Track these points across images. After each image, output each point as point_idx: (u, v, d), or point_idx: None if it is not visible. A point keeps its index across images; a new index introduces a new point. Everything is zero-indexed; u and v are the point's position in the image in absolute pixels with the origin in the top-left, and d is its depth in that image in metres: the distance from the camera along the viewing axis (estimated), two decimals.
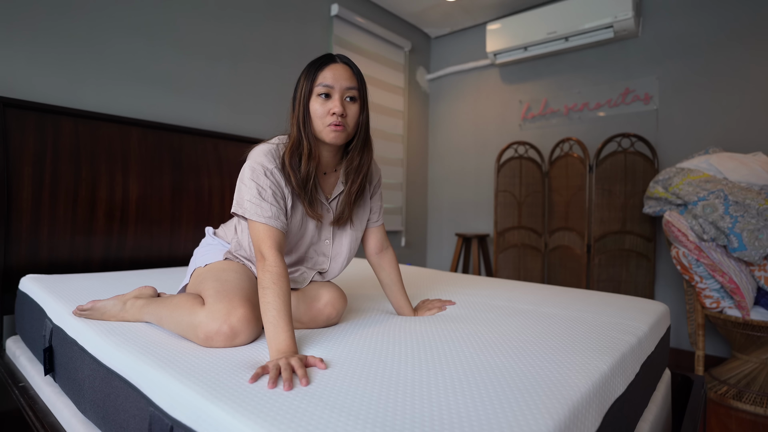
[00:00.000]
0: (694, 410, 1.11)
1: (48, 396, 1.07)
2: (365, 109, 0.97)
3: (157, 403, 0.69)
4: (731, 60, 2.36)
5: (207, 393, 0.63)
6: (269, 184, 0.91)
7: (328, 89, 0.91)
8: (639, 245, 2.50)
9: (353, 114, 0.94)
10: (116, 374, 0.80)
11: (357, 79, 0.94)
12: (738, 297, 1.86)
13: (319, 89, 0.91)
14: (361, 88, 0.95)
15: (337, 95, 0.91)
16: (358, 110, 0.95)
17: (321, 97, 0.92)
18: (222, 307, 0.84)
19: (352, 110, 0.94)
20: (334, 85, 0.91)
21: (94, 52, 1.77)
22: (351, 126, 0.94)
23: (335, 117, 0.91)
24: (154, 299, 1.01)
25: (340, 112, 0.90)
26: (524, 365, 0.76)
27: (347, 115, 0.93)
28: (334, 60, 0.94)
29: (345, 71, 0.93)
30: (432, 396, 0.63)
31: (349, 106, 0.93)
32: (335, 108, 0.90)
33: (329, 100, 0.92)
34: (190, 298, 0.92)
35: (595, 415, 0.69)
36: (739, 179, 1.96)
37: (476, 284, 1.61)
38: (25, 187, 1.51)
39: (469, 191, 3.51)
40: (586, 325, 1.05)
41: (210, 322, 0.82)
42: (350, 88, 0.93)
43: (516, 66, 3.24)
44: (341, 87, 0.92)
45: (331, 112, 0.91)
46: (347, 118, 0.93)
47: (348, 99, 0.93)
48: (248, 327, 0.85)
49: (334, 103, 0.91)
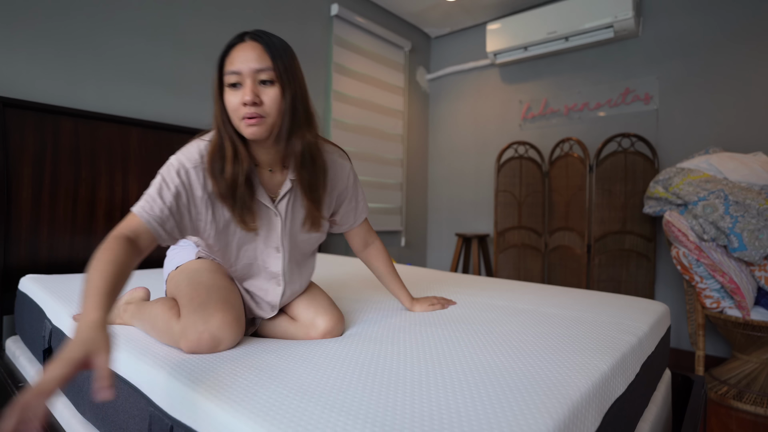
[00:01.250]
0: (694, 410, 1.11)
1: None
2: (291, 87, 0.80)
3: (157, 402, 0.69)
4: (731, 60, 2.36)
5: (207, 392, 0.63)
6: (178, 183, 0.79)
7: (237, 77, 0.77)
8: (639, 245, 2.50)
9: (271, 99, 0.78)
10: (116, 374, 0.80)
11: (270, 56, 0.78)
12: (738, 297, 1.86)
13: (228, 78, 0.78)
14: (278, 65, 0.78)
15: (248, 81, 0.77)
16: (278, 93, 0.79)
17: (232, 87, 0.78)
18: (197, 318, 0.79)
19: (270, 95, 0.78)
20: (241, 70, 0.77)
21: (93, 51, 1.77)
22: (273, 114, 0.79)
23: (247, 108, 0.77)
24: (140, 307, 0.97)
25: (250, 100, 0.76)
26: (524, 365, 0.75)
27: (264, 102, 0.78)
28: (241, 39, 0.79)
29: (252, 50, 0.77)
30: (432, 395, 0.63)
31: (264, 91, 0.78)
32: (245, 96, 0.76)
33: (240, 88, 0.78)
34: (166, 309, 0.87)
35: (595, 415, 0.69)
36: (740, 179, 1.96)
37: (476, 284, 1.61)
38: (24, 187, 1.51)
39: (469, 191, 3.51)
40: (587, 325, 1.04)
41: (189, 334, 0.78)
42: (262, 70, 0.77)
43: (516, 66, 3.23)
44: (250, 70, 0.77)
45: (242, 102, 0.77)
46: (265, 106, 0.78)
47: (261, 83, 0.78)
48: (229, 332, 0.81)
49: (245, 90, 0.77)
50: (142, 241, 0.76)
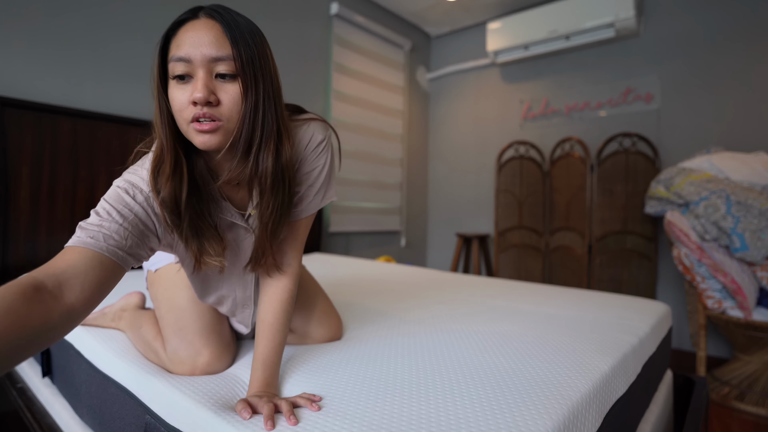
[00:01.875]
0: (696, 412, 1.10)
1: (46, 397, 1.06)
2: (257, 86, 0.60)
3: (156, 411, 0.68)
4: (733, 59, 2.35)
5: (207, 403, 0.63)
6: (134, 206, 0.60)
7: (186, 65, 0.57)
8: (640, 245, 2.49)
9: (231, 99, 0.58)
10: (112, 381, 0.79)
11: (231, 40, 0.57)
12: (740, 297, 1.85)
13: (174, 66, 0.57)
14: (242, 53, 0.58)
15: (201, 72, 0.57)
16: (239, 92, 0.58)
17: (179, 80, 0.58)
18: (184, 356, 0.75)
19: (228, 93, 0.58)
20: (191, 57, 0.56)
21: (92, 51, 1.77)
22: (233, 118, 0.59)
23: (198, 108, 0.57)
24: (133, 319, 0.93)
25: (202, 98, 0.56)
26: (524, 365, 0.75)
27: (221, 101, 0.58)
28: (194, 15, 0.59)
29: (208, 31, 0.57)
30: (431, 397, 0.62)
31: (222, 87, 0.58)
32: (195, 93, 0.56)
33: (189, 81, 0.58)
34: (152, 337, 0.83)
35: (596, 416, 0.68)
36: (741, 179, 1.95)
37: (477, 284, 1.60)
38: (23, 187, 1.51)
39: (469, 191, 3.50)
40: (587, 325, 1.04)
41: (179, 370, 0.75)
42: (219, 59, 0.57)
43: (517, 65, 3.23)
44: (203, 57, 0.56)
45: (191, 100, 0.57)
46: (222, 108, 0.58)
47: (219, 76, 0.58)
48: (220, 363, 0.77)
49: (195, 84, 0.57)
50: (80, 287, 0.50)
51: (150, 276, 0.90)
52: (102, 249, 0.54)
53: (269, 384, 0.66)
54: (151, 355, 0.83)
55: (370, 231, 3.18)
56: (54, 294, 0.48)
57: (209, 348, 0.76)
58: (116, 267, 0.55)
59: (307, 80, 2.66)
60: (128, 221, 0.58)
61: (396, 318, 1.09)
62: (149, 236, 0.61)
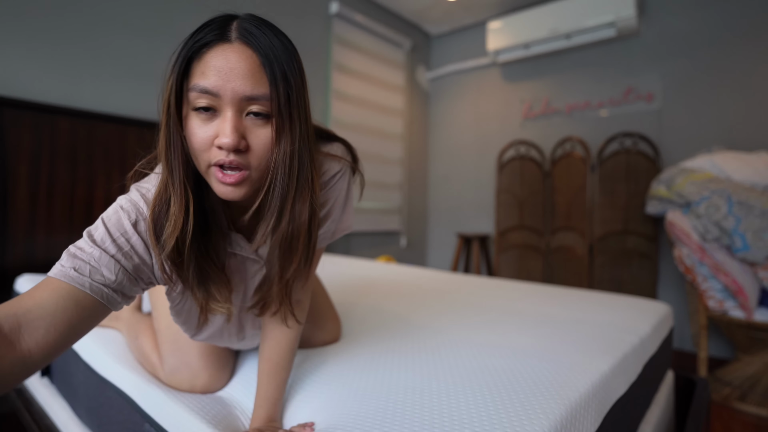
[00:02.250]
0: (697, 412, 1.10)
1: (45, 398, 1.06)
2: (294, 131, 0.51)
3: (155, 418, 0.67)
4: (734, 58, 2.34)
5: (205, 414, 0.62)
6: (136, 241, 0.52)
7: (212, 99, 0.48)
8: (641, 245, 2.48)
9: (263, 144, 0.50)
10: (111, 385, 0.79)
11: (269, 75, 0.49)
12: (741, 298, 1.84)
13: (196, 98, 0.48)
14: (280, 91, 0.49)
15: (230, 111, 0.48)
16: (272, 137, 0.50)
17: (201, 112, 0.49)
18: (183, 378, 0.73)
19: (261, 138, 0.50)
20: (219, 91, 0.47)
21: (91, 50, 1.76)
22: (261, 167, 0.51)
23: (224, 153, 0.48)
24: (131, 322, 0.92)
25: (231, 144, 0.47)
26: (524, 365, 0.74)
27: (250, 148, 0.49)
28: (225, 37, 0.49)
29: (243, 61, 0.48)
30: (424, 400, 0.61)
31: (253, 130, 0.49)
32: (222, 137, 0.47)
33: (215, 116, 0.49)
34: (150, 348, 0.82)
35: (595, 416, 0.67)
36: (743, 179, 1.94)
37: (477, 284, 1.59)
38: (21, 187, 1.50)
39: (469, 191, 3.50)
40: (588, 325, 1.03)
41: (178, 388, 0.74)
42: (254, 98, 0.48)
43: (517, 64, 3.22)
44: (234, 94, 0.47)
45: (216, 144, 0.48)
46: (252, 155, 0.50)
47: (252, 115, 0.49)
48: (218, 383, 0.76)
49: (223, 124, 0.48)
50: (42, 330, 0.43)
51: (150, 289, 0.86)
52: (83, 285, 0.46)
53: (272, 419, 0.64)
54: (147, 366, 0.82)
55: (370, 231, 3.17)
56: (9, 338, 0.41)
57: (207, 371, 0.74)
58: (98, 306, 0.47)
59: (307, 80, 2.66)
60: (122, 252, 0.50)
61: (396, 318, 1.08)
62: (144, 272, 0.53)
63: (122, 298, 0.50)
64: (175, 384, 0.74)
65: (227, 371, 0.79)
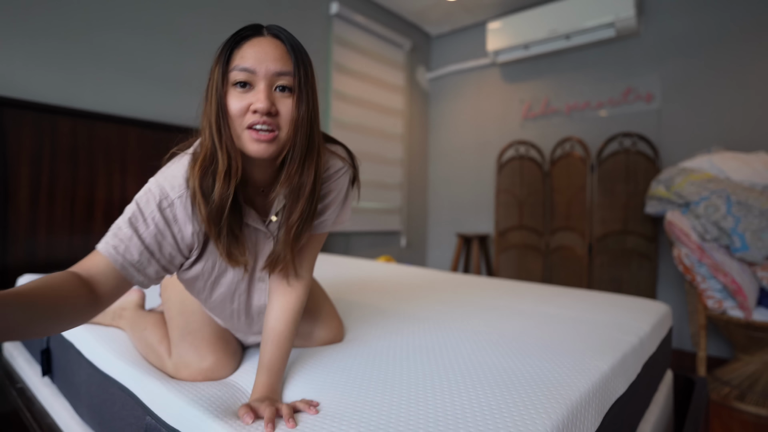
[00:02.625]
0: (696, 412, 1.10)
1: (46, 397, 1.06)
2: (308, 102, 0.65)
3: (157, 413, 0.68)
4: (733, 59, 2.35)
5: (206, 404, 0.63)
6: (159, 220, 0.62)
7: (248, 75, 0.61)
8: (641, 245, 2.49)
9: (288, 111, 0.63)
10: (113, 381, 0.79)
11: (294, 59, 0.63)
12: (740, 298, 1.85)
13: (236, 75, 0.62)
14: (300, 72, 0.64)
15: (263, 84, 0.61)
16: (295, 105, 0.63)
17: (238, 87, 0.62)
18: (190, 360, 0.75)
19: (286, 106, 0.63)
20: (256, 69, 0.61)
21: (92, 50, 1.77)
22: (286, 130, 0.63)
23: (257, 116, 0.61)
24: (135, 320, 0.93)
25: (264, 108, 0.60)
26: (524, 365, 0.75)
27: (278, 112, 0.62)
28: (259, 32, 0.64)
29: (274, 48, 0.63)
30: (428, 398, 0.62)
31: (281, 100, 0.63)
32: (258, 102, 0.60)
33: (250, 90, 0.62)
34: (157, 339, 0.83)
35: (595, 415, 0.68)
36: (742, 179, 1.95)
37: (477, 284, 1.60)
38: (22, 187, 1.51)
39: (469, 191, 3.50)
40: (587, 325, 1.04)
41: (182, 374, 0.75)
42: (282, 73, 0.62)
43: (517, 65, 3.22)
44: (267, 71, 0.61)
45: (252, 109, 0.61)
46: (280, 118, 0.63)
47: (279, 89, 0.63)
48: (223, 371, 0.77)
49: (257, 95, 0.61)
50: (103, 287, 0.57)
51: (165, 282, 0.91)
52: (116, 262, 0.59)
53: (273, 390, 0.67)
54: (152, 358, 0.82)
55: (370, 231, 3.17)
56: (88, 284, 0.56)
57: (215, 354, 0.77)
58: (125, 280, 0.60)
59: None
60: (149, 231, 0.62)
61: (396, 318, 1.09)
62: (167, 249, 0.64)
63: (143, 277, 0.62)
64: (182, 368, 0.76)
65: (234, 360, 0.80)
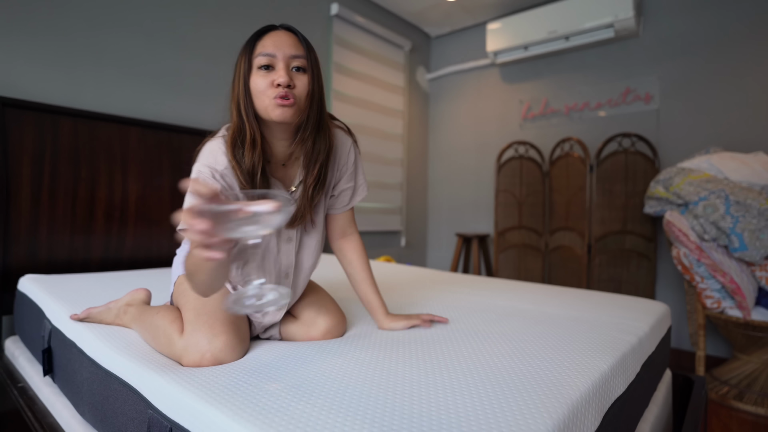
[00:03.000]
0: (695, 411, 1.11)
1: (47, 396, 1.06)
2: (317, 80, 0.84)
3: (157, 405, 0.68)
4: (732, 59, 2.36)
5: (206, 395, 0.63)
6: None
7: (270, 59, 0.79)
8: (640, 245, 2.50)
9: (303, 85, 0.80)
10: (115, 377, 0.80)
11: (304, 46, 0.82)
12: (739, 297, 1.86)
13: (260, 60, 0.79)
14: (309, 56, 0.82)
15: (282, 64, 0.79)
16: (308, 81, 0.81)
17: (262, 69, 0.79)
18: (201, 337, 0.78)
19: (302, 81, 0.80)
20: (276, 53, 0.78)
21: (93, 51, 1.77)
22: (302, 100, 0.81)
23: (280, 89, 0.77)
24: (142, 312, 0.95)
25: (285, 81, 0.77)
26: (524, 365, 0.75)
27: (295, 86, 0.80)
28: (274, 27, 0.83)
29: (288, 37, 0.81)
30: (431, 396, 0.62)
31: (296, 77, 0.80)
32: (279, 78, 0.77)
33: (272, 71, 0.79)
34: (168, 322, 0.85)
35: (595, 415, 0.68)
36: (741, 179, 1.96)
37: (476, 284, 1.60)
38: (23, 187, 1.51)
39: (469, 191, 3.51)
40: (587, 324, 1.04)
41: (191, 353, 0.77)
42: (296, 56, 0.80)
43: (516, 65, 3.23)
44: (285, 55, 0.79)
45: (275, 83, 0.78)
46: (296, 90, 0.80)
47: (294, 69, 0.80)
48: (232, 353, 0.79)
49: (278, 73, 0.78)
50: None
51: (181, 278, 0.95)
52: None
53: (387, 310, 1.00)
54: (161, 341, 0.84)
55: (370, 231, 3.18)
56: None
57: (227, 335, 0.80)
58: None
59: None
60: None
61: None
62: None
63: None
64: (192, 345, 0.77)
65: (242, 345, 0.82)
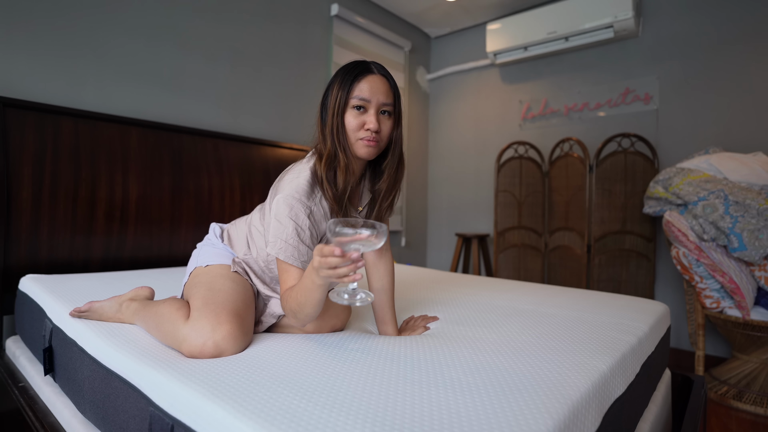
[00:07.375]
0: (694, 410, 1.11)
1: (48, 396, 1.06)
2: (399, 124, 0.94)
3: (158, 402, 0.69)
4: (731, 60, 2.36)
5: (208, 392, 0.63)
6: (309, 225, 0.88)
7: (364, 102, 0.88)
8: (639, 245, 2.50)
9: (387, 129, 0.91)
10: (116, 375, 0.80)
11: (393, 94, 0.91)
12: (738, 297, 1.86)
13: (355, 101, 0.88)
14: (396, 102, 0.92)
15: (373, 109, 0.88)
16: (392, 125, 0.92)
17: (355, 110, 0.88)
18: (206, 323, 0.80)
19: (387, 125, 0.91)
20: (370, 99, 0.88)
21: (93, 51, 1.77)
22: (384, 141, 0.92)
23: (369, 132, 0.88)
24: (145, 304, 0.98)
25: (375, 128, 0.87)
26: (524, 365, 0.75)
27: (381, 130, 0.90)
28: (371, 70, 0.90)
29: (382, 84, 0.90)
30: (432, 395, 0.63)
31: (383, 121, 0.90)
32: (370, 124, 0.87)
33: (364, 113, 0.88)
34: (174, 309, 0.88)
35: (595, 415, 0.69)
36: (740, 179, 1.96)
37: (476, 284, 1.61)
38: (24, 187, 1.51)
39: (469, 191, 3.51)
40: (586, 325, 1.05)
41: (194, 339, 0.79)
42: (386, 104, 0.90)
43: (516, 66, 3.23)
44: (378, 101, 0.88)
45: (366, 127, 0.88)
46: (381, 134, 0.90)
47: (383, 113, 0.90)
48: (234, 344, 0.81)
49: (370, 117, 0.88)
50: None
51: (197, 270, 1.02)
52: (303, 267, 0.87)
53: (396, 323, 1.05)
54: (166, 328, 0.85)
55: None
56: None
57: (231, 324, 0.82)
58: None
59: (307, 81, 2.67)
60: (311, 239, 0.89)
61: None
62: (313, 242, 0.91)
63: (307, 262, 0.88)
64: (194, 334, 0.79)
65: (245, 338, 0.84)
